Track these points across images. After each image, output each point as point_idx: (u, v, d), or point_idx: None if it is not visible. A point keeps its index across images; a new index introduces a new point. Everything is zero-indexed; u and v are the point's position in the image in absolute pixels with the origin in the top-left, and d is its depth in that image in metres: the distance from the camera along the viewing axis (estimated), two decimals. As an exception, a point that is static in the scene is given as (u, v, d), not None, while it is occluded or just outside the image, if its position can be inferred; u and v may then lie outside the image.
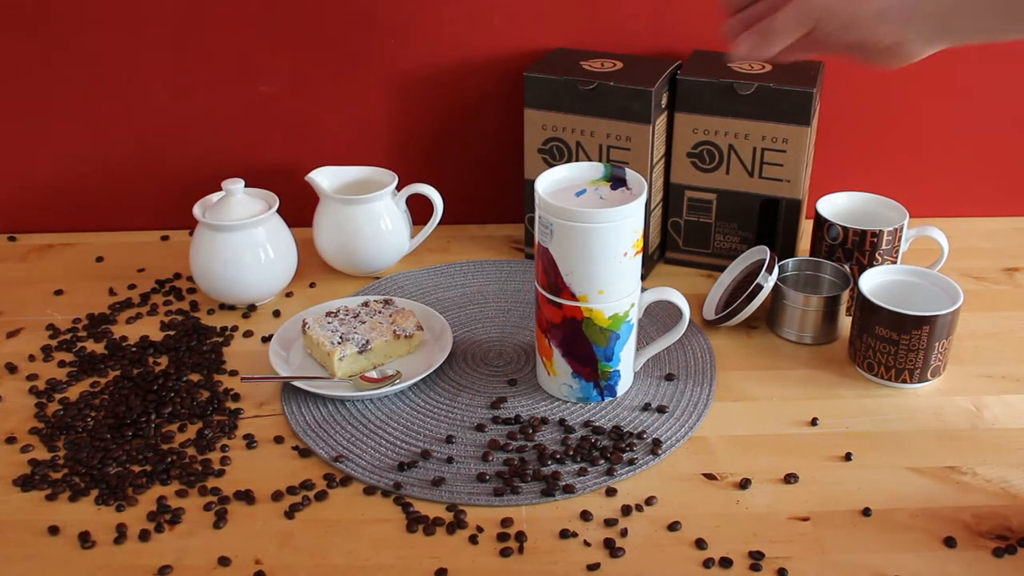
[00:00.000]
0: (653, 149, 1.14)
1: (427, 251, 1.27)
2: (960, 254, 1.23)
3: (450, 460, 0.91)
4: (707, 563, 0.80)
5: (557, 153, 1.17)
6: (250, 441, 0.94)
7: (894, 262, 1.09)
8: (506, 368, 1.04)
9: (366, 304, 1.08)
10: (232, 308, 1.15)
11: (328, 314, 1.05)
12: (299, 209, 1.22)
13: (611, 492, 0.87)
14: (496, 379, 1.02)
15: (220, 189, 1.13)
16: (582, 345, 0.95)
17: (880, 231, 1.06)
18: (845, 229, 1.07)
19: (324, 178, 1.19)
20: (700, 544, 0.81)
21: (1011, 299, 1.16)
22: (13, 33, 1.23)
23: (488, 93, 1.28)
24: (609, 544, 0.82)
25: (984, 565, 0.79)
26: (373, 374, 1.01)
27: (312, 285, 1.20)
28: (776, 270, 1.06)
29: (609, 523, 0.84)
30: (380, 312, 1.06)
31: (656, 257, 1.25)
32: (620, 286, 0.93)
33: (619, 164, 0.88)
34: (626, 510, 0.85)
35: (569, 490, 0.87)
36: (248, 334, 1.11)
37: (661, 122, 1.15)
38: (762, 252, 1.11)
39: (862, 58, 0.75)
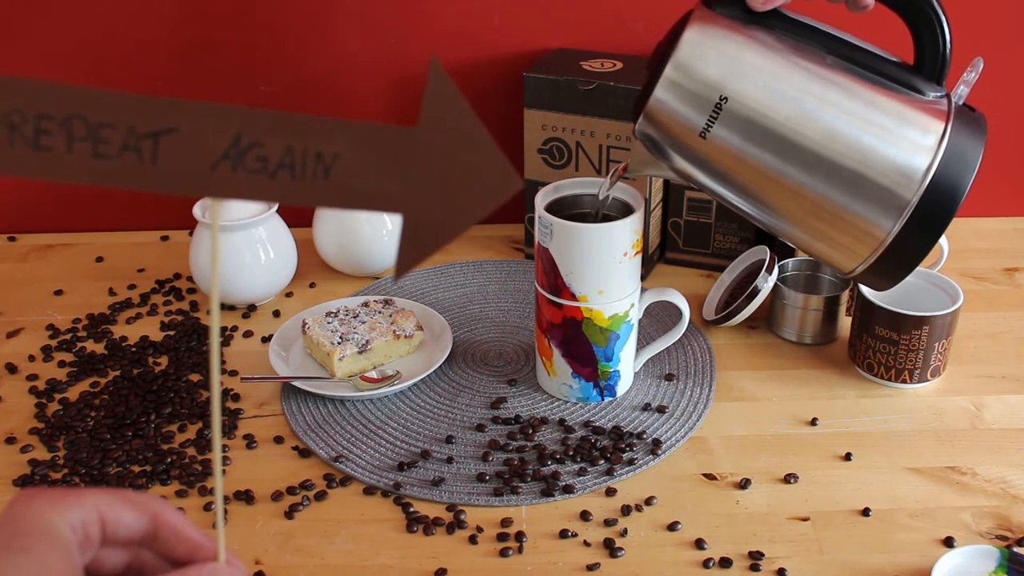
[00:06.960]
0: (653, 149, 1.14)
1: (427, 251, 1.27)
2: (960, 254, 1.23)
3: (450, 460, 0.91)
4: (707, 563, 0.80)
5: (557, 153, 1.17)
6: (250, 441, 0.94)
7: (894, 262, 1.08)
8: (506, 368, 1.04)
9: (366, 304, 1.08)
10: (232, 308, 1.15)
11: (328, 314, 1.05)
12: (299, 209, 1.22)
13: (611, 492, 0.87)
14: (496, 379, 1.02)
15: (220, 189, 1.13)
16: (582, 345, 0.95)
17: (880, 231, 1.06)
18: (845, 229, 1.07)
19: (324, 178, 1.18)
20: (700, 544, 0.82)
21: (1011, 299, 1.16)
22: (11, 37, 1.23)
23: (488, 93, 1.28)
24: (609, 544, 0.82)
25: (984, 565, 0.79)
26: (373, 374, 1.01)
27: (312, 285, 1.20)
28: (776, 270, 1.06)
29: (609, 523, 0.84)
30: (380, 312, 1.06)
31: (656, 257, 1.25)
32: (620, 286, 0.93)
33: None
34: (626, 510, 0.85)
35: (569, 490, 0.87)
36: (248, 334, 1.11)
37: (661, 122, 1.14)
38: (762, 252, 1.10)
39: None
